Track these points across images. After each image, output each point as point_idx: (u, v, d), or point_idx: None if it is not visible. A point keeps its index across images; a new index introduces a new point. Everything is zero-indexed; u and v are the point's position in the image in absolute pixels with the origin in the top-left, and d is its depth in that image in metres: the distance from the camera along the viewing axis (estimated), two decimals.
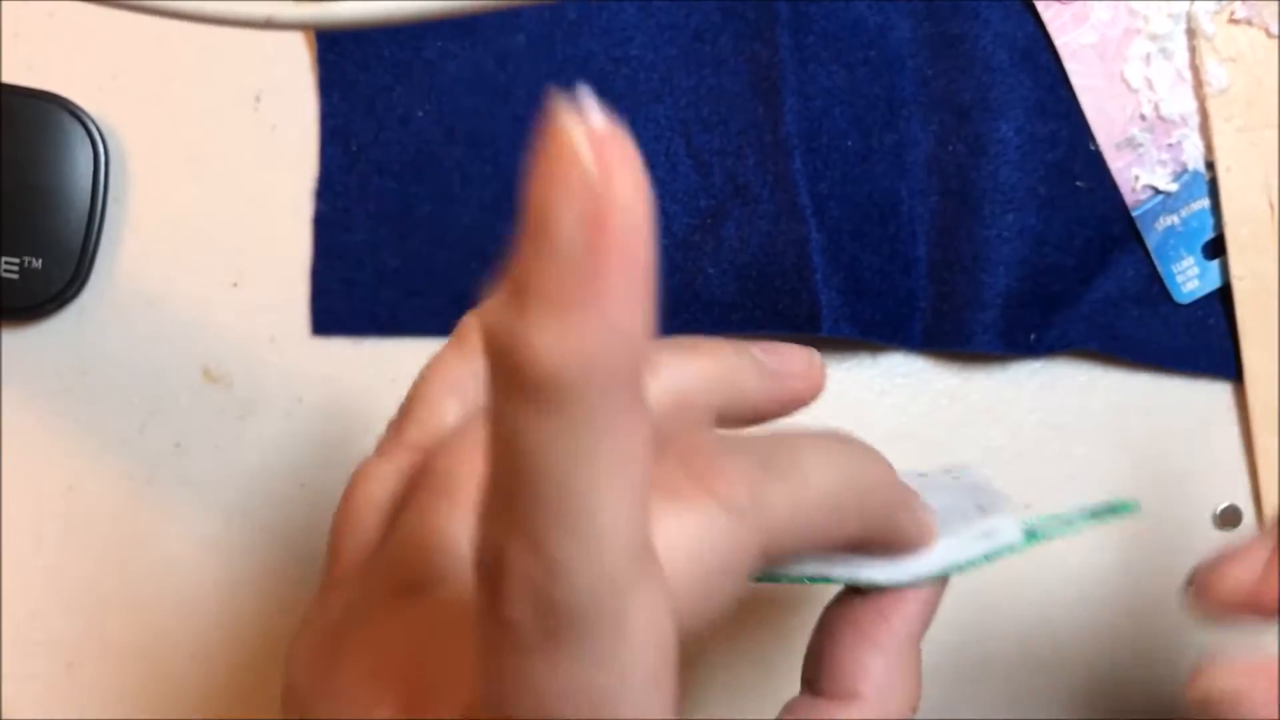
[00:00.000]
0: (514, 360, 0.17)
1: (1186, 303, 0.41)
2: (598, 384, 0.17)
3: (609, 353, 0.17)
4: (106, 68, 0.42)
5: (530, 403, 0.17)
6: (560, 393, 0.17)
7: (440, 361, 0.27)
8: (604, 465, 0.18)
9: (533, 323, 0.17)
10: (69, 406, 0.42)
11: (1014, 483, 0.41)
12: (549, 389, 0.17)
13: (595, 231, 0.16)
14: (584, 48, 0.42)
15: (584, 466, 0.17)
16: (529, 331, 0.17)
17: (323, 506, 0.41)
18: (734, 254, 0.41)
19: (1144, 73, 0.41)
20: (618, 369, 0.17)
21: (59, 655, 0.41)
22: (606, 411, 0.17)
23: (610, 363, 0.17)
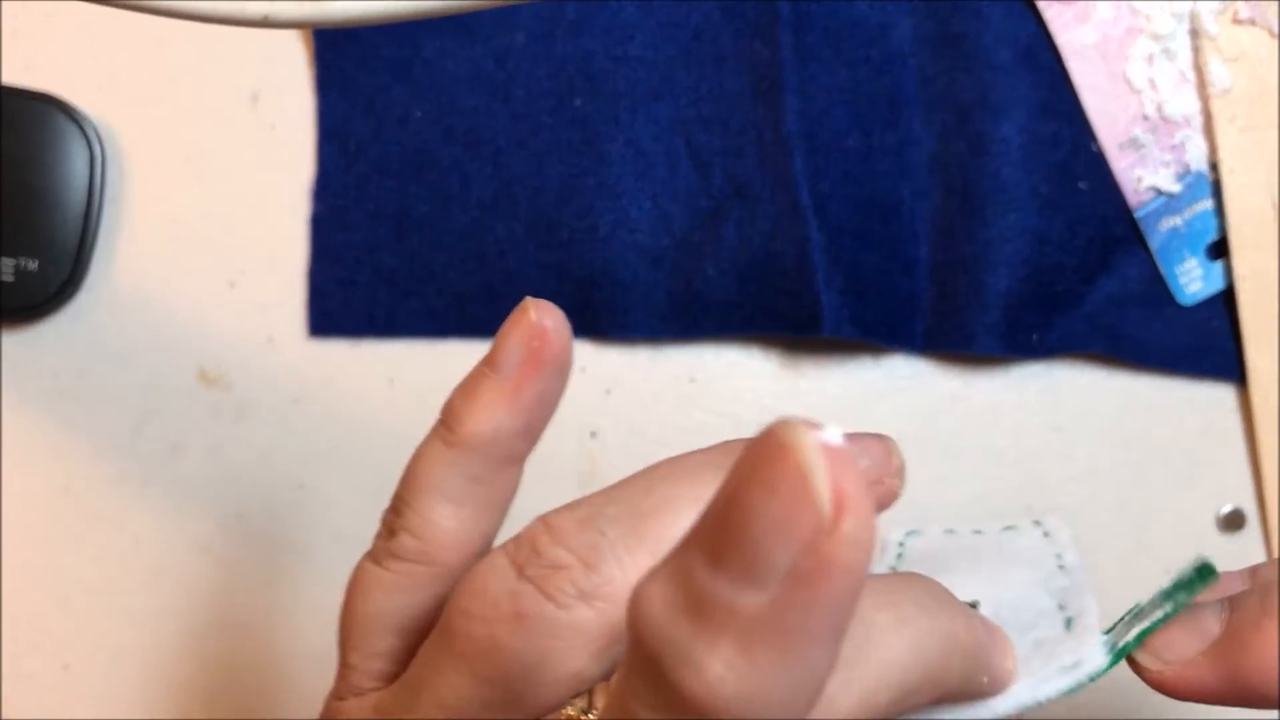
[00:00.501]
0: (682, 681, 0.15)
1: (1190, 304, 0.41)
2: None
3: (793, 699, 0.15)
4: (103, 68, 0.42)
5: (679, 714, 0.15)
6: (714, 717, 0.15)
7: (428, 461, 0.25)
8: None
9: (715, 651, 0.15)
10: (65, 408, 0.41)
11: (1015, 485, 0.41)
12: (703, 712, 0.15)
13: (814, 577, 0.14)
14: (584, 46, 0.42)
15: None
16: (709, 659, 0.15)
17: (320, 508, 0.41)
18: (735, 254, 0.41)
19: (1147, 73, 0.41)
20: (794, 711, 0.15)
21: (56, 656, 0.41)
22: None
23: (791, 708, 0.15)
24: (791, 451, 0.14)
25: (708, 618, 0.15)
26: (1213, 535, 0.41)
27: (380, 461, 0.41)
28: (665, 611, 0.15)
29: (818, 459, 0.14)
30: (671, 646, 0.15)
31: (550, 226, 0.41)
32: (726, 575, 0.15)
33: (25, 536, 0.41)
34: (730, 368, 0.42)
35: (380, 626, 0.25)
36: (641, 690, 0.16)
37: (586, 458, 0.41)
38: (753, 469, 0.14)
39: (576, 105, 0.41)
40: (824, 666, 0.15)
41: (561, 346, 0.24)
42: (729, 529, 0.14)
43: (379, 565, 0.25)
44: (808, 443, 0.14)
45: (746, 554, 0.14)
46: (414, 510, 0.25)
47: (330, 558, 0.41)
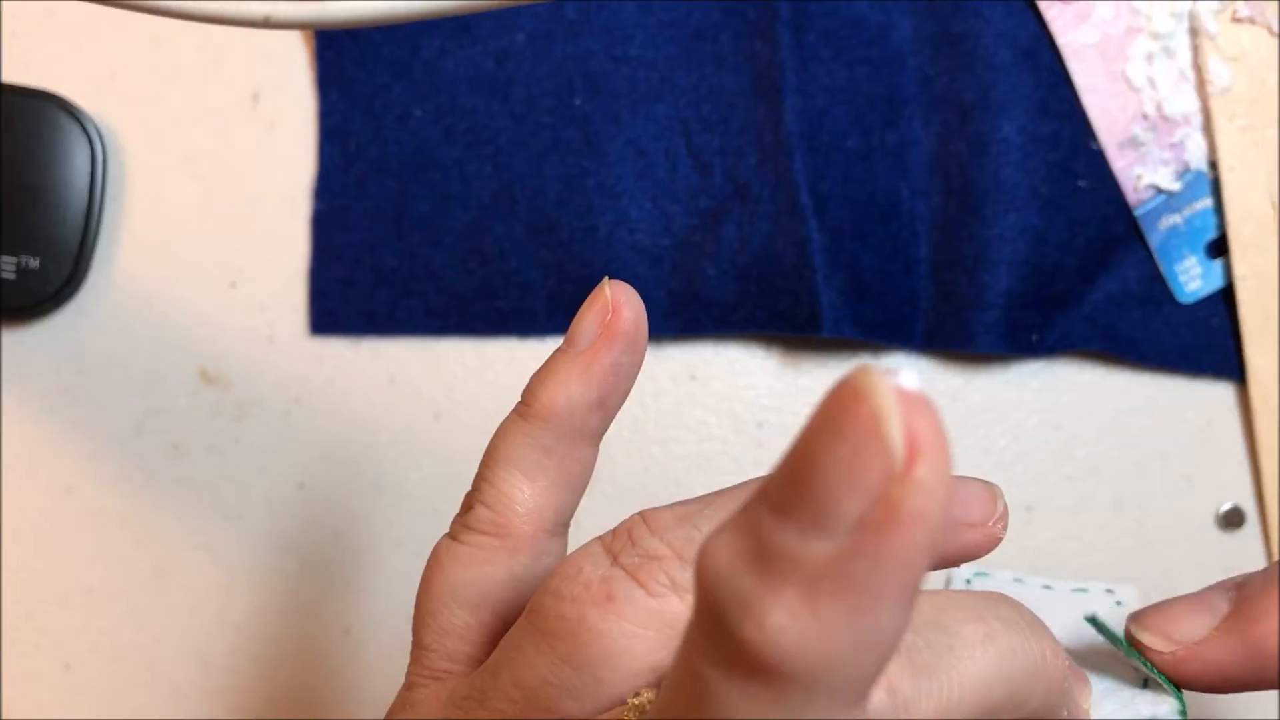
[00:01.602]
0: (744, 631, 0.15)
1: (1189, 303, 0.41)
2: (830, 688, 0.15)
3: (856, 659, 0.15)
4: (104, 67, 0.42)
5: (746, 676, 0.15)
6: (784, 684, 0.15)
7: (505, 436, 0.26)
8: None
9: (779, 600, 0.14)
10: (66, 406, 0.41)
11: (1016, 484, 0.41)
12: (774, 674, 0.15)
13: (884, 526, 0.14)
14: (583, 46, 0.42)
15: None
16: (772, 608, 0.14)
17: (320, 506, 0.41)
18: (735, 254, 0.41)
19: (1146, 72, 0.41)
20: (858, 676, 0.15)
21: (57, 656, 0.41)
22: (826, 710, 0.15)
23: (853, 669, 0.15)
24: (864, 396, 0.13)
25: (773, 567, 0.14)
26: (1212, 533, 0.41)
27: (381, 460, 0.41)
28: (731, 562, 0.15)
29: (891, 403, 0.13)
30: (734, 596, 0.15)
31: (550, 226, 0.41)
32: (794, 524, 0.14)
33: (25, 535, 0.41)
34: (731, 366, 0.42)
35: (453, 601, 0.25)
36: (704, 644, 0.16)
37: None
38: (825, 416, 0.14)
39: (576, 105, 0.41)
40: (891, 629, 0.15)
41: (634, 321, 0.25)
42: (798, 477, 0.14)
43: (455, 539, 0.26)
44: (881, 386, 0.13)
45: (814, 501, 0.14)
46: (488, 483, 0.26)
47: (331, 556, 0.41)
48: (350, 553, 0.41)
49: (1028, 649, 0.21)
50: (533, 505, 0.25)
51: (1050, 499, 0.41)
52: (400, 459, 0.41)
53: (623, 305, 0.25)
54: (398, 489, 0.41)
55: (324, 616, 0.41)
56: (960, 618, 0.20)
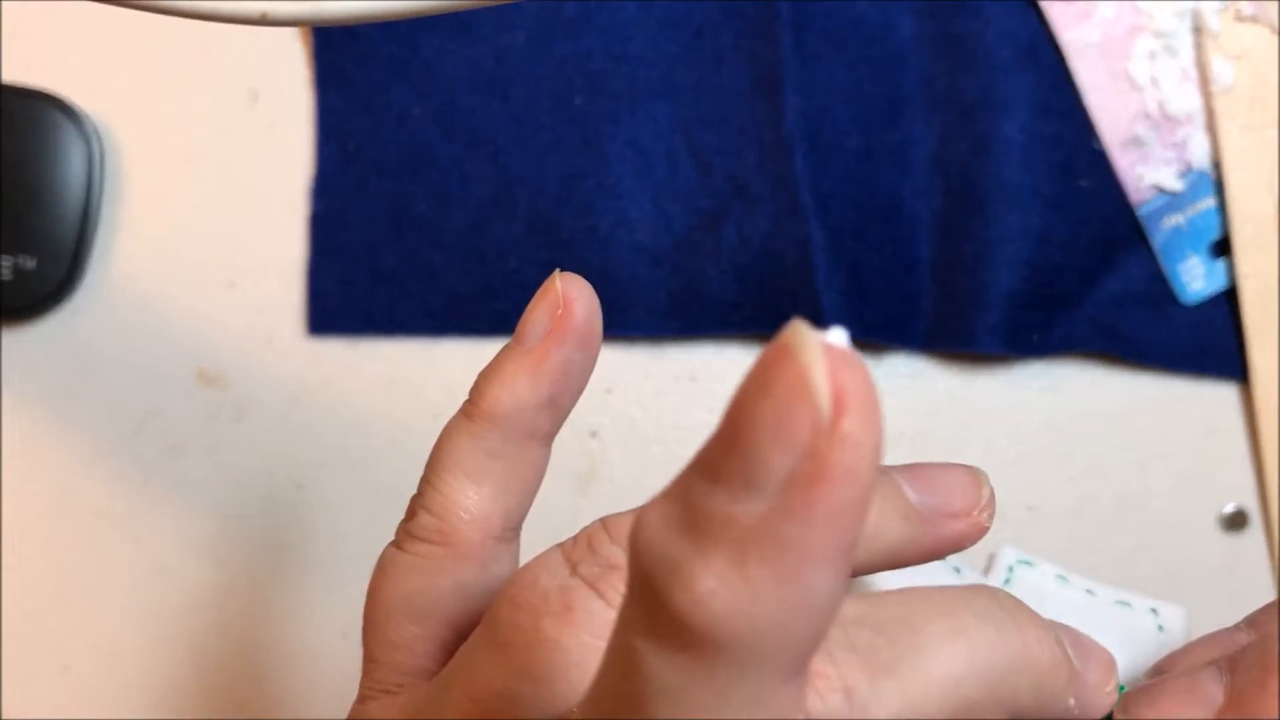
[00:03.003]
0: (672, 597, 0.14)
1: (1192, 303, 0.41)
2: (763, 657, 0.14)
3: (789, 626, 0.14)
4: (101, 66, 0.42)
5: (675, 647, 0.15)
6: (715, 651, 0.14)
7: (450, 438, 0.25)
8: None
9: (708, 565, 0.14)
10: (64, 407, 0.41)
11: (1017, 485, 0.41)
12: (704, 643, 0.14)
13: (812, 482, 0.13)
14: (583, 45, 0.41)
15: None
16: (700, 572, 0.14)
17: (319, 507, 0.41)
18: (735, 254, 0.40)
19: (1149, 70, 0.41)
20: (792, 646, 0.14)
21: (56, 657, 0.41)
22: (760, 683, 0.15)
23: (786, 637, 0.14)
24: (792, 352, 0.13)
25: (702, 531, 0.14)
26: (1215, 535, 0.41)
27: (380, 461, 0.41)
28: (661, 529, 0.15)
29: (817, 357, 0.13)
30: (664, 562, 0.14)
31: (550, 226, 0.41)
32: (724, 486, 0.14)
33: (24, 536, 0.41)
34: (731, 366, 0.42)
35: (399, 613, 0.24)
36: (636, 617, 0.15)
37: (586, 457, 0.41)
38: (754, 376, 0.14)
39: (576, 104, 0.41)
40: (824, 594, 0.14)
41: (586, 317, 0.24)
42: (728, 439, 0.14)
43: (399, 548, 0.25)
44: (808, 342, 0.13)
45: (743, 461, 0.14)
46: (433, 488, 0.25)
47: (330, 557, 0.41)
48: (349, 554, 0.41)
49: (1005, 640, 0.20)
50: (479, 511, 0.24)
51: (1051, 500, 0.41)
52: (399, 460, 0.41)
53: (574, 300, 0.24)
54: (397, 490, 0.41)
55: (322, 618, 0.41)
56: (929, 614, 0.19)
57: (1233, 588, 0.41)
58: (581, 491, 0.41)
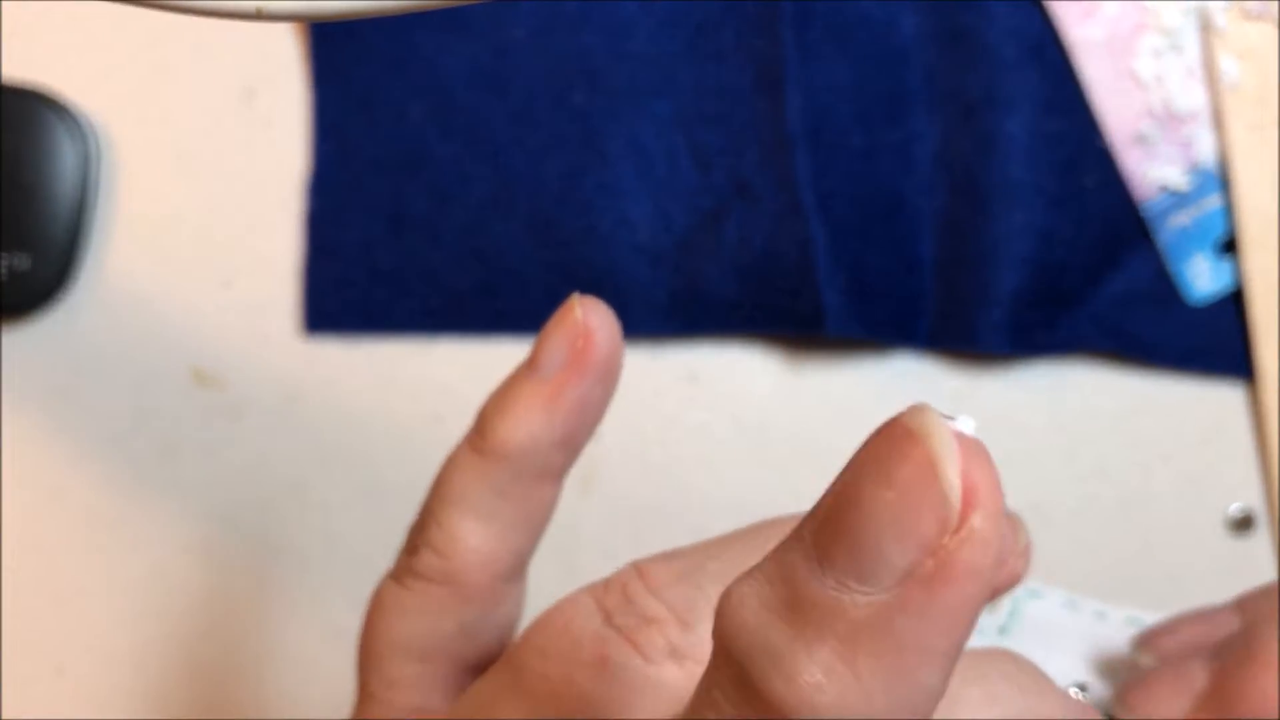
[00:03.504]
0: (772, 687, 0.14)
1: (1198, 302, 0.41)
2: None
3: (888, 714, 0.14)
4: (95, 63, 0.42)
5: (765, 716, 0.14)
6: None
7: (456, 472, 0.24)
8: None
9: (813, 655, 0.13)
10: (58, 407, 0.41)
11: (1022, 485, 0.41)
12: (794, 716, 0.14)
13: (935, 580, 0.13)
14: (583, 42, 0.41)
15: None
16: (805, 663, 0.13)
17: (316, 508, 0.41)
18: (736, 253, 0.40)
19: (1154, 68, 0.41)
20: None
21: (50, 658, 0.41)
22: None
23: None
24: (918, 439, 0.13)
25: (808, 619, 0.13)
26: (1221, 537, 0.41)
27: (377, 461, 0.41)
28: (760, 613, 0.14)
29: (949, 447, 0.13)
30: (764, 650, 0.14)
31: (549, 224, 0.41)
32: (834, 573, 0.13)
33: (17, 538, 0.41)
34: (732, 366, 0.41)
35: (400, 651, 0.23)
36: (724, 701, 0.14)
37: (586, 458, 0.41)
38: (873, 457, 0.13)
39: (576, 102, 0.41)
40: (931, 692, 0.14)
41: (609, 349, 0.23)
42: (841, 524, 0.13)
43: (400, 584, 0.24)
44: (938, 429, 0.13)
45: (858, 549, 0.13)
46: (439, 525, 0.23)
47: (326, 559, 0.41)
48: (346, 555, 0.41)
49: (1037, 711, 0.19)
50: (486, 552, 0.23)
51: (1055, 500, 0.41)
52: (397, 460, 0.41)
53: (596, 330, 0.22)
54: (395, 490, 0.41)
55: (319, 619, 0.41)
56: (960, 679, 0.19)
57: (1238, 590, 0.40)
58: (581, 493, 0.40)
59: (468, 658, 0.23)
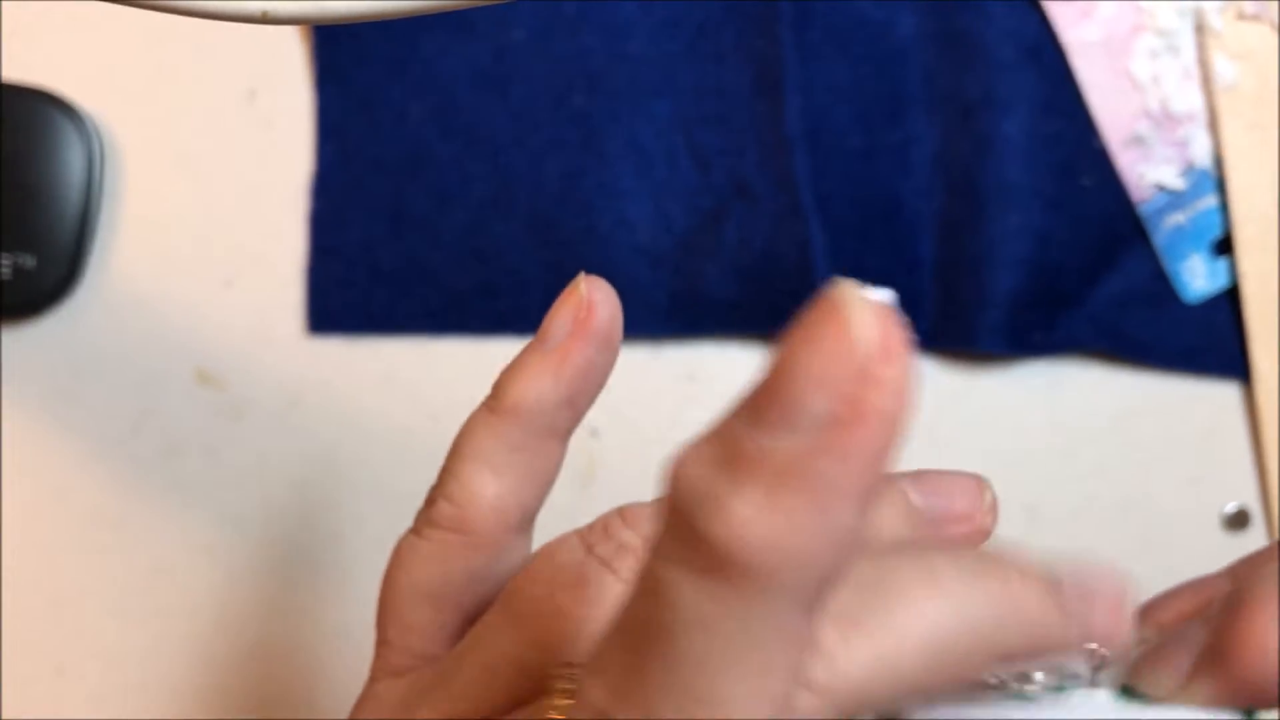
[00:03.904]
0: (709, 527, 0.15)
1: (1194, 302, 0.41)
2: (787, 586, 0.15)
3: (815, 553, 0.15)
4: (101, 64, 0.42)
5: (707, 576, 0.15)
6: (744, 577, 0.15)
7: (472, 431, 0.26)
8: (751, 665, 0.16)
9: (745, 496, 0.15)
10: (62, 407, 0.41)
11: (1019, 484, 0.41)
12: (735, 569, 0.15)
13: (849, 419, 0.14)
14: (583, 43, 0.41)
15: (728, 656, 0.16)
16: (737, 503, 0.15)
17: (317, 507, 0.41)
18: (735, 254, 0.40)
19: (1151, 69, 0.41)
20: (816, 573, 0.15)
21: (51, 658, 0.41)
22: (780, 610, 0.15)
23: (811, 564, 0.15)
24: (837, 306, 0.14)
25: (741, 467, 0.15)
26: (1217, 535, 0.41)
27: (378, 461, 0.41)
28: (700, 466, 0.15)
29: (861, 311, 0.14)
30: (702, 497, 0.15)
31: (549, 225, 0.41)
32: (765, 427, 0.15)
33: (20, 537, 0.41)
34: (731, 366, 0.41)
35: (414, 597, 0.25)
36: (670, 548, 0.16)
37: (586, 456, 0.41)
38: (800, 327, 0.15)
39: (576, 103, 0.41)
40: (848, 529, 0.15)
41: (608, 319, 0.25)
42: (771, 385, 0.15)
43: (417, 535, 0.26)
44: (853, 297, 0.14)
45: (785, 404, 0.15)
46: (454, 477, 0.25)
47: (328, 557, 0.41)
48: (347, 554, 0.41)
49: (986, 589, 0.20)
50: (498, 502, 0.25)
51: (1053, 500, 0.41)
52: (398, 459, 0.41)
53: (598, 304, 0.25)
54: (395, 489, 0.41)
55: (321, 618, 0.41)
56: (903, 569, 0.19)
57: None
58: (581, 490, 0.41)
59: (475, 607, 0.25)
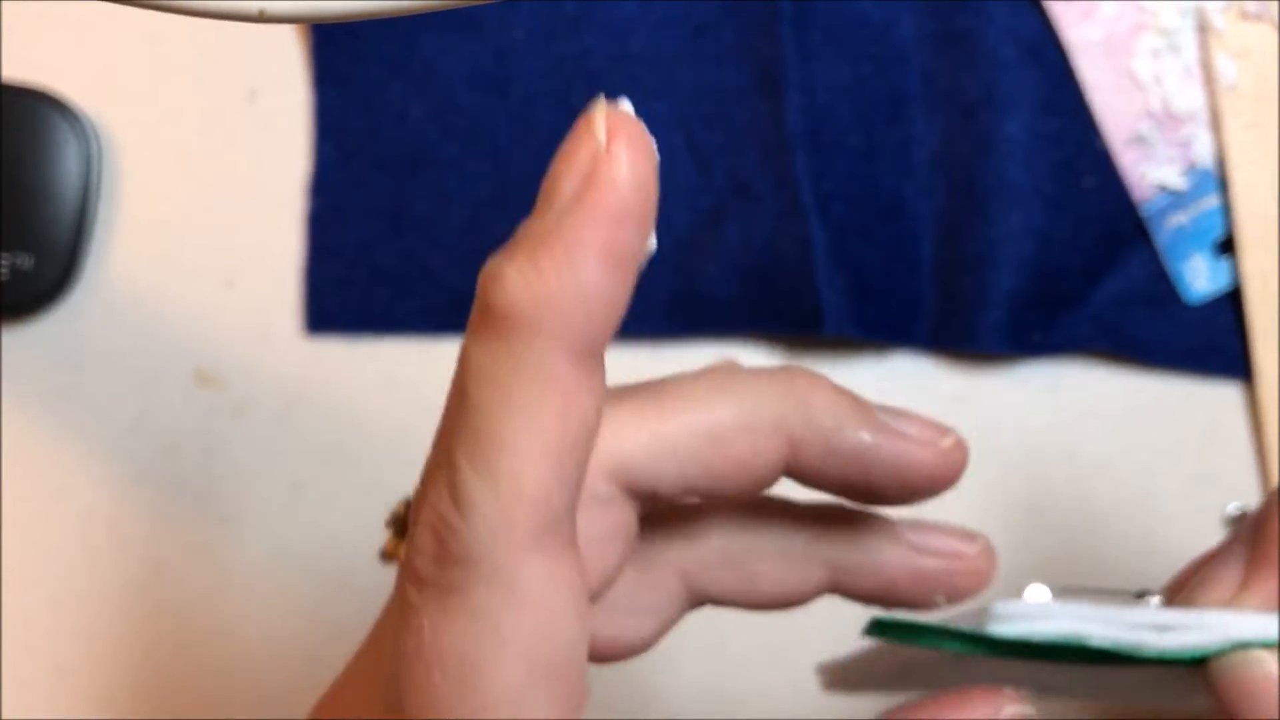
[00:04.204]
0: (484, 293, 0.19)
1: (1196, 302, 0.41)
2: (541, 325, 0.18)
3: (566, 299, 0.18)
4: (99, 64, 0.42)
5: (483, 328, 0.19)
6: (506, 322, 0.19)
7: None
8: (523, 403, 0.18)
9: (509, 259, 0.19)
10: (60, 407, 0.41)
11: (1020, 484, 0.41)
12: (499, 317, 0.19)
13: (586, 189, 0.18)
14: (583, 43, 0.41)
15: (504, 399, 0.19)
16: (506, 268, 0.19)
17: (317, 507, 0.41)
18: (736, 253, 0.40)
19: (1152, 68, 0.41)
20: (566, 318, 0.19)
21: (50, 658, 0.41)
22: (543, 354, 0.19)
23: (564, 310, 0.18)
24: (587, 117, 0.19)
25: (513, 244, 0.19)
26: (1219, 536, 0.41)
27: (378, 461, 0.41)
28: (494, 257, 0.19)
29: (601, 112, 0.19)
30: (485, 275, 0.19)
31: None
32: (535, 214, 0.19)
33: (18, 537, 0.41)
34: None
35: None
36: (471, 327, 0.19)
37: None
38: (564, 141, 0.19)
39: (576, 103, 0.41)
40: (595, 285, 0.18)
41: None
42: (546, 183, 0.19)
43: None
44: (600, 107, 0.19)
45: (549, 188, 0.19)
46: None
47: (327, 558, 0.41)
48: (347, 554, 0.41)
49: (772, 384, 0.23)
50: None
51: (1054, 500, 0.41)
52: (398, 459, 0.41)
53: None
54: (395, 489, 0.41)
55: (320, 619, 0.41)
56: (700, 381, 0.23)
57: None
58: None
59: None
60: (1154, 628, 0.23)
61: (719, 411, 0.22)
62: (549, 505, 0.19)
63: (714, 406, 0.22)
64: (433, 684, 0.19)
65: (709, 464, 0.22)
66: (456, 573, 0.19)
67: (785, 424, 0.22)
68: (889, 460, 0.23)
